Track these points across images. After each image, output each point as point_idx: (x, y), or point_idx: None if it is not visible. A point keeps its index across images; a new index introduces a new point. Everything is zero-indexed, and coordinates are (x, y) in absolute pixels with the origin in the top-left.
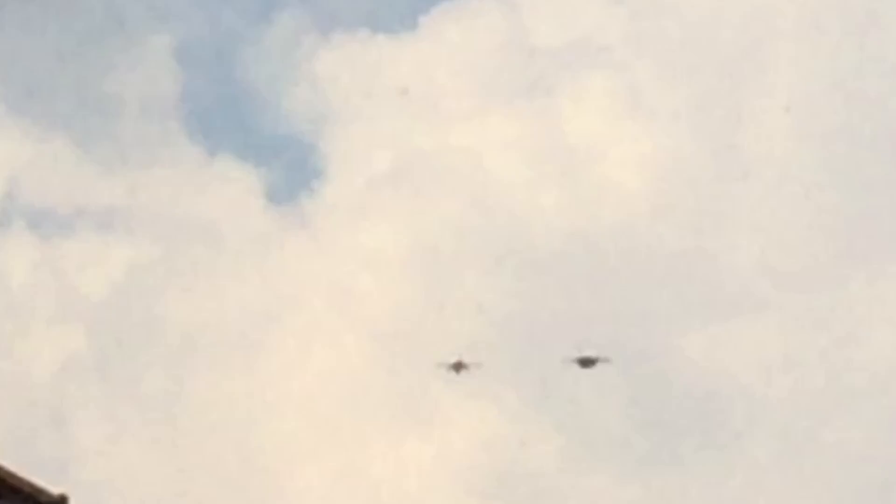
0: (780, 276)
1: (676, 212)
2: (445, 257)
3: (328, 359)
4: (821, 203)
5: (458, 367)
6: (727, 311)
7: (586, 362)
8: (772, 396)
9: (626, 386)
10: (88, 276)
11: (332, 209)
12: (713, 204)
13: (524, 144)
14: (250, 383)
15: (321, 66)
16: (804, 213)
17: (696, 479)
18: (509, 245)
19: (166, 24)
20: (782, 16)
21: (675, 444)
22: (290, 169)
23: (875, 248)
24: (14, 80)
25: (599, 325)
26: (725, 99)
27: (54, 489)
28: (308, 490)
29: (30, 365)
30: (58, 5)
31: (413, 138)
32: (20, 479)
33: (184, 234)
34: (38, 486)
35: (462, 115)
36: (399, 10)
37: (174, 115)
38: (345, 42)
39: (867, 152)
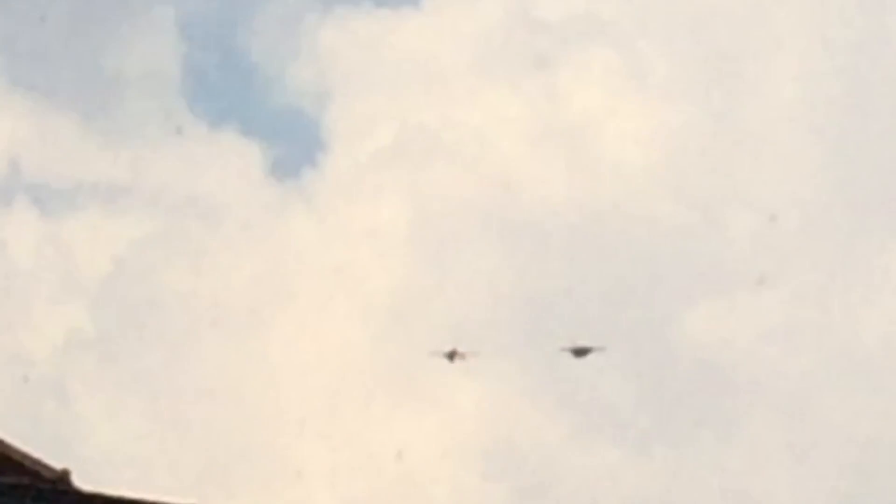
0: (782, 250)
1: (678, 186)
2: (447, 232)
3: (329, 333)
4: (823, 177)
5: (451, 355)
6: (729, 286)
7: (580, 352)
8: (774, 371)
9: (628, 361)
10: (91, 251)
11: (334, 184)
12: (715, 178)
13: (526, 119)
14: (252, 358)
15: (324, 41)
16: (806, 187)
17: (698, 454)
18: (510, 220)
19: None
20: None
21: (678, 419)
22: (293, 144)
23: (878, 222)
24: (17, 55)
25: (601, 300)
26: (727, 73)
27: (56, 464)
28: (309, 464)
29: (32, 340)
30: None
31: (415, 113)
32: (22, 455)
33: (186, 209)
34: (41, 461)
35: (464, 90)
36: None
37: (177, 90)
38: (347, 16)
39: (872, 126)
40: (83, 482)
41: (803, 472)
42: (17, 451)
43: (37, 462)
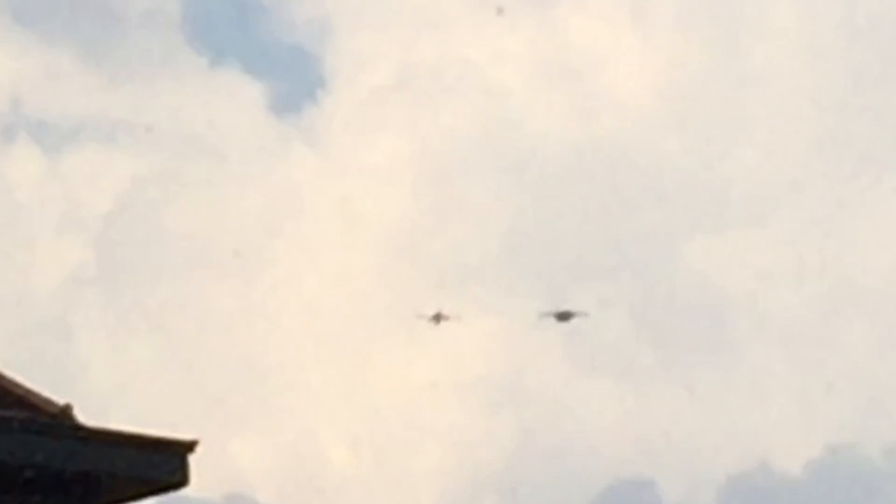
0: (784, 185)
1: (679, 122)
2: (448, 168)
3: (332, 271)
4: (825, 113)
5: (437, 318)
6: (730, 222)
7: (563, 316)
8: (775, 307)
9: (629, 297)
10: (93, 188)
11: (335, 121)
12: (716, 114)
13: (527, 55)
14: (254, 295)
15: None
16: (808, 123)
17: (699, 390)
18: (512, 156)
19: None
20: None
21: (679, 355)
22: (293, 80)
23: (880, 158)
24: None
25: (602, 236)
26: (730, 9)
27: (59, 400)
28: (312, 401)
29: (34, 277)
30: None
31: (416, 49)
32: (24, 390)
33: (187, 146)
34: (43, 396)
35: (465, 26)
36: None
37: (177, 27)
38: None
39: (874, 62)
40: (86, 417)
41: (805, 406)
42: (18, 386)
43: (38, 397)
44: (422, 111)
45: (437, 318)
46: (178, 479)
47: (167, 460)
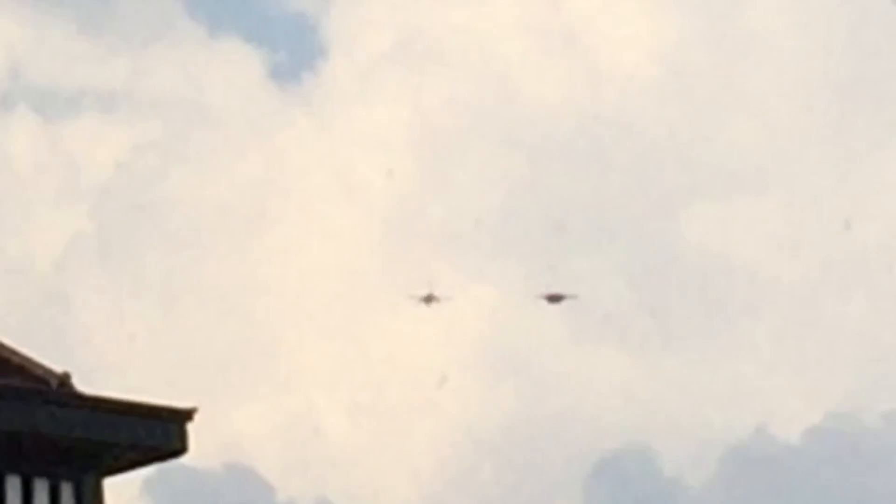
0: (784, 154)
1: (679, 91)
2: (446, 135)
3: (331, 237)
4: (823, 82)
5: (428, 299)
6: (730, 190)
7: (554, 298)
8: (772, 274)
9: (629, 266)
10: (92, 156)
11: (334, 89)
12: (714, 83)
13: (526, 24)
14: (253, 262)
15: None
16: (808, 92)
17: (698, 357)
18: (510, 124)
19: None
20: None
21: (679, 324)
22: (293, 49)
23: (877, 127)
24: None
25: (601, 204)
26: None
27: (58, 369)
28: (310, 366)
29: (34, 246)
30: None
31: (414, 17)
32: (24, 358)
33: (186, 114)
34: (42, 364)
35: None
36: None
37: None
38: None
39: (870, 30)
40: (84, 386)
41: (805, 374)
42: (18, 355)
43: (38, 366)
44: (420, 79)
45: (429, 299)
46: (176, 447)
47: (166, 429)
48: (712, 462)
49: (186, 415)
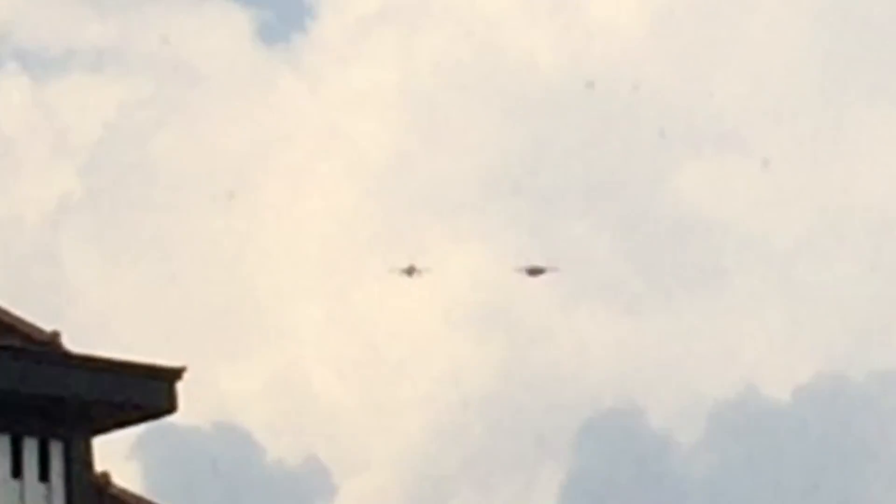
0: (774, 113)
1: (668, 49)
2: (435, 95)
3: (319, 198)
4: (815, 39)
5: (410, 271)
6: (720, 149)
7: (534, 272)
8: (762, 234)
9: (619, 225)
10: (81, 116)
11: (323, 49)
12: (705, 40)
13: None
14: (243, 222)
15: None
16: (798, 51)
17: (689, 315)
18: (499, 85)
19: None
20: None
21: (669, 282)
22: (281, 8)
23: (870, 86)
24: None
25: (591, 164)
26: None
27: (47, 327)
28: (298, 328)
29: (23, 205)
30: None
31: None
32: (13, 317)
33: (175, 74)
34: (31, 323)
35: None
36: None
37: None
38: None
39: None
40: (74, 345)
41: (794, 333)
42: (6, 314)
43: (26, 324)
44: (410, 40)
45: (410, 271)
46: (166, 405)
47: (155, 387)
48: (702, 420)
49: (176, 374)
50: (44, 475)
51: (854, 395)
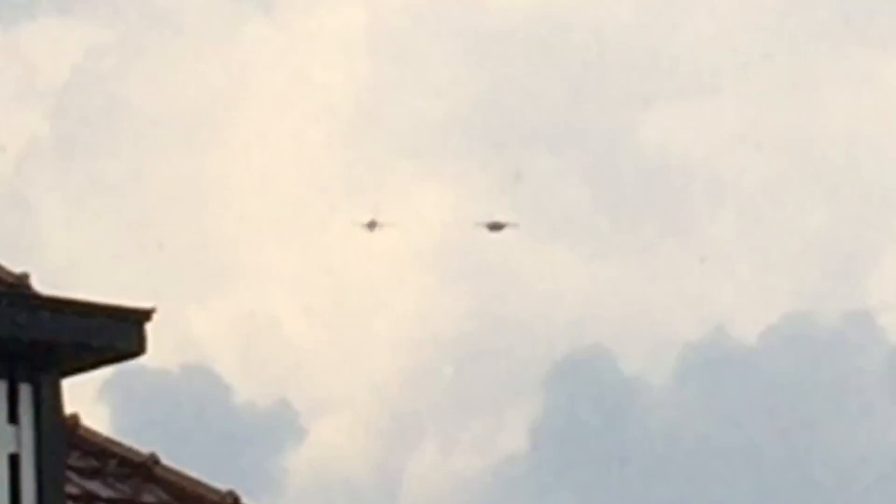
0: (743, 54)
1: None
2: (405, 38)
3: (289, 141)
4: None
5: (371, 225)
6: (688, 91)
7: (495, 227)
8: (733, 176)
9: (586, 167)
10: (48, 59)
11: None
12: None
13: None
14: (211, 166)
15: None
16: None
17: (657, 259)
18: (467, 26)
19: None
20: None
21: (637, 224)
22: None
23: (842, 25)
24: None
25: (558, 106)
26: None
27: (15, 269)
28: (269, 272)
29: None
30: None
31: None
32: None
33: (143, 16)
34: None
35: None
36: None
37: None
38: None
39: None
40: (42, 287)
41: (763, 275)
42: None
43: None
44: None
45: (371, 225)
46: (134, 347)
47: (124, 329)
48: (671, 361)
49: (145, 315)
50: (13, 417)
51: (823, 335)
